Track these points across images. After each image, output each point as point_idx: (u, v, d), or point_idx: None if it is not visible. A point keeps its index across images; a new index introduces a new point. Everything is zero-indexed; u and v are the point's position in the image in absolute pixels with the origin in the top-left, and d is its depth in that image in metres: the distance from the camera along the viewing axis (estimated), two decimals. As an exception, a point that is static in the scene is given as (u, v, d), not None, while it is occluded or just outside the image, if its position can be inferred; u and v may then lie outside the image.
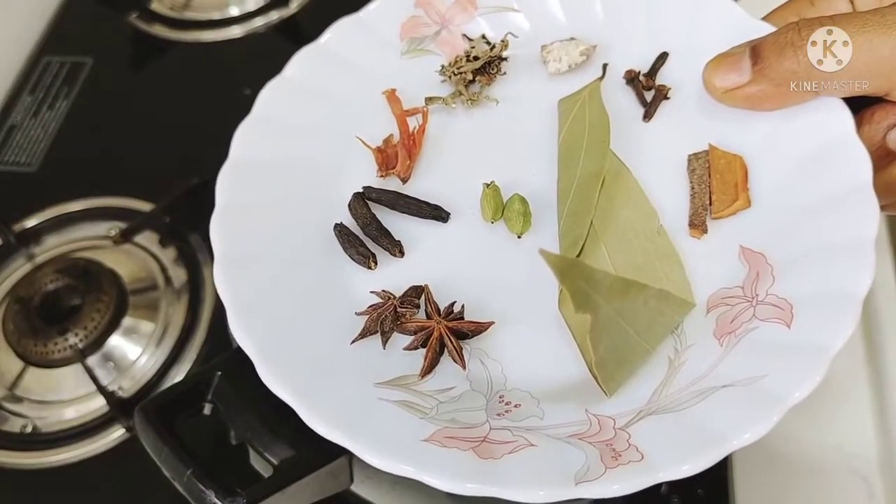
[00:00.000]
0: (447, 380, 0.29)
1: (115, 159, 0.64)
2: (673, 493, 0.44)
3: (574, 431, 0.27)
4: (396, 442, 0.27)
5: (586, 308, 0.27)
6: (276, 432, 0.35)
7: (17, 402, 0.51)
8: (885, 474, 0.46)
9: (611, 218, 0.32)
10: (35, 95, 0.68)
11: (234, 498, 0.33)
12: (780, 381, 0.26)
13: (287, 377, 0.28)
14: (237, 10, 0.72)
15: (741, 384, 0.27)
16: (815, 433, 0.48)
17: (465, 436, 0.27)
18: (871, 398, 0.49)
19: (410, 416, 0.28)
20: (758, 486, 0.46)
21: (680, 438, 0.26)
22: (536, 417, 0.28)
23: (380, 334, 0.30)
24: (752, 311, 0.28)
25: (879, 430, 0.48)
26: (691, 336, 0.29)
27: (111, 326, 0.52)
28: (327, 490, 0.36)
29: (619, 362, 0.28)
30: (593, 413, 0.27)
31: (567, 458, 0.26)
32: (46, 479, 0.48)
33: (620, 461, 0.25)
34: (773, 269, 0.29)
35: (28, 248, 0.58)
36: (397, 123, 0.36)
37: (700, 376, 0.28)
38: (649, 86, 0.36)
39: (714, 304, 0.30)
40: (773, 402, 0.26)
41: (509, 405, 0.28)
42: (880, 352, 0.50)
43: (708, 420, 0.26)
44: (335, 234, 0.33)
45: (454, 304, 0.31)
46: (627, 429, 0.27)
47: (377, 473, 0.35)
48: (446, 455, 0.26)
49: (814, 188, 0.30)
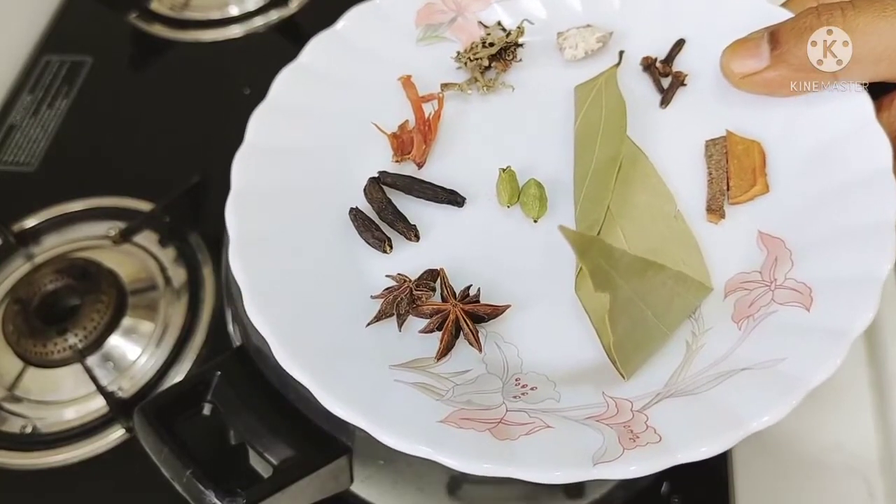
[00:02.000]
0: (463, 363, 0.29)
1: (114, 159, 0.64)
2: (673, 493, 0.44)
3: (591, 414, 0.27)
4: (413, 423, 0.26)
5: (605, 287, 0.27)
6: (275, 432, 0.35)
7: (16, 402, 0.51)
8: (885, 474, 0.46)
9: (628, 202, 0.32)
10: (35, 95, 0.67)
11: (233, 498, 0.33)
12: (800, 363, 0.26)
13: (303, 359, 0.28)
14: (237, 9, 0.72)
15: (760, 367, 0.26)
16: (815, 433, 0.48)
17: (481, 417, 0.27)
18: (871, 398, 0.49)
19: (426, 397, 0.28)
20: (758, 485, 0.46)
21: (698, 420, 0.26)
22: (553, 400, 0.28)
23: (395, 317, 0.30)
24: (770, 296, 0.28)
25: (880, 431, 0.48)
26: (709, 320, 0.29)
27: (111, 327, 0.52)
28: (327, 490, 0.36)
29: (636, 345, 0.28)
30: (610, 396, 0.27)
31: (584, 439, 0.26)
32: (46, 480, 0.48)
33: (638, 443, 0.25)
34: (792, 254, 0.29)
35: (27, 248, 0.58)
36: (413, 109, 0.35)
37: (718, 359, 0.28)
38: (666, 72, 0.36)
39: (732, 289, 0.30)
40: (793, 384, 0.25)
41: (525, 388, 0.28)
42: (881, 352, 0.50)
43: (726, 402, 0.26)
44: (350, 219, 0.33)
45: (470, 287, 0.31)
46: (645, 411, 0.26)
47: (377, 473, 0.36)
48: (463, 436, 0.26)
49: (833, 173, 0.30)
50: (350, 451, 0.35)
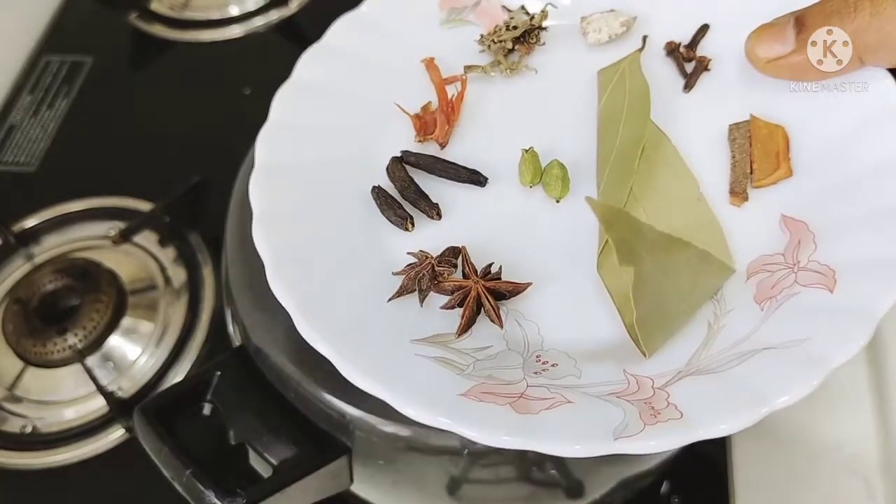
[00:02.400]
0: (484, 339, 0.29)
1: (114, 159, 0.64)
2: (674, 493, 0.44)
3: (612, 390, 0.27)
4: (433, 395, 0.26)
5: (630, 261, 0.27)
6: (275, 432, 0.35)
7: (16, 402, 0.51)
8: (885, 475, 0.46)
9: (650, 185, 0.32)
10: (35, 95, 0.68)
11: (233, 498, 0.33)
12: (823, 344, 0.26)
13: (325, 332, 0.28)
14: (237, 9, 0.72)
15: (782, 347, 0.26)
16: (815, 434, 0.48)
17: (502, 391, 0.27)
18: (871, 399, 0.49)
19: (447, 371, 0.28)
20: (758, 486, 0.46)
21: (719, 398, 0.25)
22: (574, 376, 0.28)
23: (417, 293, 0.30)
24: (793, 277, 0.28)
25: (880, 431, 0.48)
26: (731, 301, 0.29)
27: (110, 327, 0.52)
28: (327, 490, 0.36)
29: (658, 323, 0.28)
30: (631, 373, 0.27)
31: (605, 414, 0.26)
32: (46, 480, 0.48)
33: (659, 419, 0.25)
34: (815, 237, 0.29)
35: (27, 248, 0.58)
36: (436, 91, 0.36)
37: (740, 339, 0.28)
38: (690, 57, 0.36)
39: (754, 271, 0.29)
40: (816, 364, 0.25)
41: (546, 364, 0.28)
42: (881, 352, 0.50)
43: (747, 381, 0.26)
44: (372, 197, 0.33)
45: (491, 265, 0.31)
46: (666, 388, 0.26)
47: (377, 474, 0.36)
48: (483, 409, 0.26)
49: (857, 157, 0.30)
50: (350, 451, 0.35)
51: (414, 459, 0.34)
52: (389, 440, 0.34)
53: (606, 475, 0.37)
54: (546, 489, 0.36)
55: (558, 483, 0.36)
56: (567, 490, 0.36)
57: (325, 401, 0.34)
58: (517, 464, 0.34)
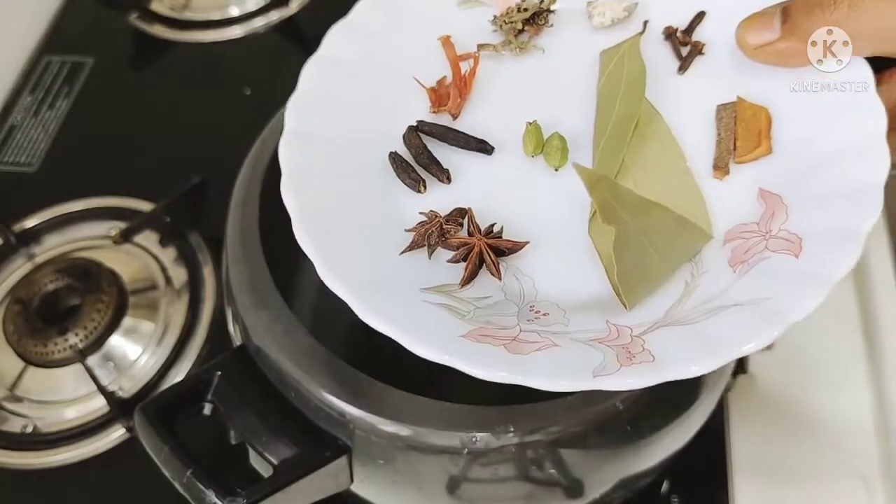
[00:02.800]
0: (484, 289, 0.33)
1: (115, 159, 0.64)
2: (673, 492, 0.44)
3: (594, 336, 0.30)
4: (439, 336, 0.30)
5: (611, 220, 0.30)
6: (275, 432, 0.35)
7: (17, 402, 0.51)
8: (885, 475, 0.46)
9: (641, 156, 0.35)
10: (35, 95, 0.68)
11: (233, 498, 0.33)
12: (784, 302, 0.29)
13: (344, 278, 0.31)
14: (237, 10, 0.72)
15: (748, 304, 0.29)
16: (814, 434, 0.48)
17: (498, 335, 0.30)
18: (871, 398, 0.49)
19: (451, 316, 0.31)
20: (757, 485, 0.46)
21: (689, 345, 0.28)
22: (562, 324, 0.31)
23: (427, 247, 0.33)
24: (764, 244, 0.31)
25: (879, 431, 0.48)
26: (707, 263, 0.32)
27: (111, 326, 0.52)
28: (327, 490, 0.36)
29: (639, 280, 0.31)
30: (613, 323, 0.31)
31: (587, 356, 0.29)
32: (47, 480, 0.48)
33: (634, 361, 0.28)
34: (787, 209, 0.32)
35: (28, 248, 0.58)
36: (451, 66, 0.39)
37: (712, 297, 0.30)
38: (686, 42, 0.39)
39: (731, 238, 0.32)
40: (776, 319, 0.28)
41: (538, 313, 0.32)
42: (880, 352, 0.50)
43: (716, 332, 0.29)
44: (389, 161, 0.36)
45: (494, 225, 0.34)
46: (643, 336, 0.30)
47: (377, 473, 0.36)
48: (481, 349, 0.29)
49: (832, 138, 0.33)
50: (350, 451, 0.35)
51: (414, 459, 0.34)
52: (389, 440, 0.34)
53: (606, 474, 0.37)
54: (545, 488, 0.36)
55: (558, 482, 0.36)
56: (566, 489, 0.36)
57: (325, 400, 0.34)
58: (517, 463, 0.34)
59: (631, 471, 0.37)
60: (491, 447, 0.33)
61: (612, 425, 0.34)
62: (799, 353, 0.51)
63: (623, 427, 0.34)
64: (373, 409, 0.34)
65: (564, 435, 0.34)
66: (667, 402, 0.35)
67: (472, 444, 0.33)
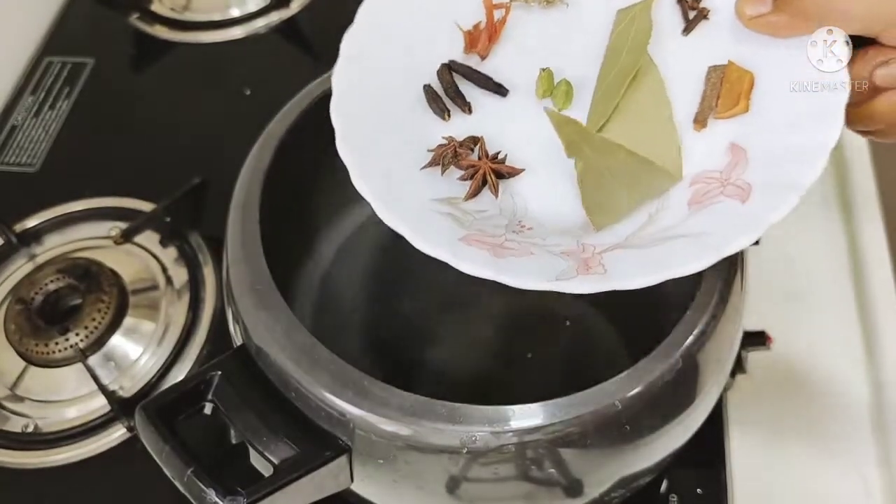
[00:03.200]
0: (483, 204, 0.39)
1: (115, 160, 0.64)
2: (671, 491, 0.44)
3: (563, 250, 0.36)
4: (440, 237, 0.35)
5: (575, 154, 0.38)
6: (276, 432, 0.35)
7: (18, 401, 0.51)
8: (882, 473, 0.47)
9: (632, 103, 0.40)
10: (36, 96, 0.68)
11: (234, 497, 0.33)
12: (722, 237, 0.33)
13: (370, 184, 0.36)
14: (238, 11, 0.72)
15: (693, 236, 0.34)
16: (813, 434, 0.48)
17: (487, 241, 0.36)
18: (868, 398, 0.49)
19: (452, 223, 0.37)
20: (755, 484, 0.46)
21: (636, 265, 0.34)
22: (541, 238, 0.37)
23: (441, 165, 0.39)
24: (720, 190, 0.36)
25: (878, 431, 0.48)
26: (671, 201, 0.37)
27: (112, 326, 0.52)
28: (327, 489, 0.36)
29: (606, 207, 0.37)
30: (582, 242, 0.36)
31: (553, 265, 0.35)
32: (48, 479, 0.49)
33: (589, 272, 0.34)
34: (748, 162, 0.36)
35: (29, 247, 0.58)
36: (486, 13, 0.44)
37: (667, 228, 0.36)
38: (693, 6, 0.42)
39: (696, 181, 0.37)
40: (713, 251, 0.33)
41: (523, 227, 0.38)
42: (878, 351, 0.51)
43: (660, 256, 0.34)
44: (424, 92, 0.41)
45: (499, 153, 0.40)
46: (602, 254, 0.35)
47: (377, 472, 0.36)
48: (472, 250, 0.35)
49: (799, 104, 0.36)
50: (350, 451, 0.35)
51: (413, 458, 0.35)
52: (389, 439, 0.34)
53: (605, 474, 0.37)
54: (545, 488, 0.36)
55: (557, 481, 0.36)
56: (566, 489, 0.36)
57: (325, 400, 0.34)
58: (516, 462, 0.34)
59: (630, 470, 0.37)
60: (490, 447, 0.33)
61: (610, 424, 0.34)
62: (797, 353, 0.51)
63: (622, 426, 0.34)
64: (373, 408, 0.34)
65: (563, 434, 0.34)
66: (665, 402, 0.36)
67: (471, 443, 0.33)
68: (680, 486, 0.44)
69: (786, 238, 0.55)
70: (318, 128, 0.45)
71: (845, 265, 0.55)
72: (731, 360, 0.40)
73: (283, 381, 0.36)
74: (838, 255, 0.56)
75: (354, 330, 0.49)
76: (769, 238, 0.50)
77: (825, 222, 0.58)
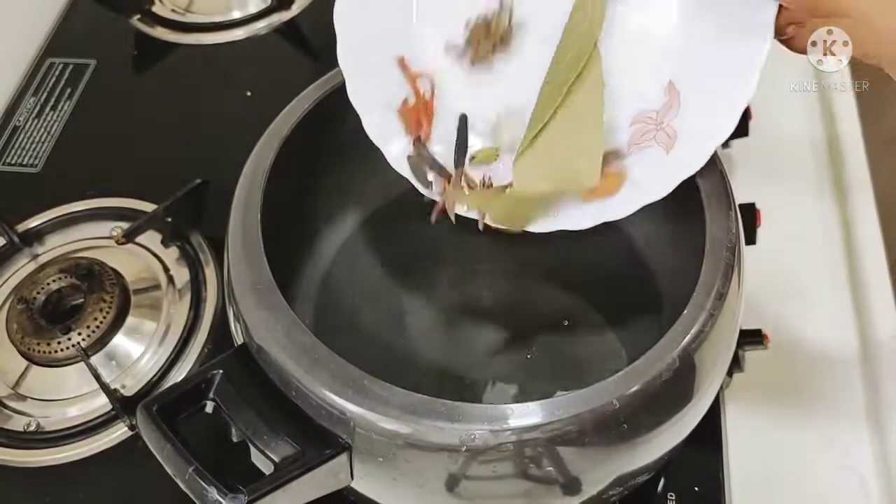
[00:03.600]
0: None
1: (117, 160, 0.64)
2: (669, 489, 0.44)
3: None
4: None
5: (489, 211, 0.44)
6: (276, 430, 0.35)
7: (20, 400, 0.52)
8: (880, 473, 0.47)
9: (571, 105, 0.42)
10: (38, 97, 0.68)
11: (235, 495, 0.33)
12: (649, 186, 0.40)
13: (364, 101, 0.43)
14: (239, 13, 0.72)
15: (628, 181, 0.41)
16: (810, 432, 0.49)
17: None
18: (865, 397, 0.49)
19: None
20: (753, 484, 0.46)
21: (580, 207, 0.41)
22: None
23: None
24: (653, 134, 0.41)
25: (874, 429, 0.48)
26: (615, 143, 0.41)
27: (114, 325, 0.52)
28: (327, 487, 0.36)
29: (515, 223, 0.43)
30: None
31: None
32: (49, 477, 0.49)
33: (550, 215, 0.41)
34: (680, 106, 0.40)
35: (31, 247, 0.59)
36: (413, 93, 0.45)
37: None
38: None
39: (637, 121, 0.41)
40: (643, 196, 0.40)
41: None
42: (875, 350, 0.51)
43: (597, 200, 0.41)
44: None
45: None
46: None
47: (376, 470, 0.36)
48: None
49: (727, 51, 0.39)
50: (350, 449, 0.35)
51: (413, 456, 0.35)
52: (389, 437, 0.34)
53: (603, 472, 0.37)
54: (543, 485, 0.36)
55: (555, 479, 0.36)
56: (564, 486, 0.37)
57: (325, 399, 0.35)
58: (515, 460, 0.35)
59: (628, 468, 0.38)
60: (489, 445, 0.33)
61: (608, 423, 0.34)
62: (794, 352, 0.51)
63: (620, 425, 0.35)
64: (373, 407, 0.34)
65: (562, 433, 0.34)
66: (663, 401, 0.36)
67: (470, 441, 0.33)
68: (677, 484, 0.44)
69: (783, 237, 0.55)
70: (319, 129, 0.45)
71: (841, 264, 0.56)
72: (728, 359, 0.40)
73: (283, 380, 0.36)
74: (834, 254, 0.56)
75: (354, 329, 0.49)
76: (767, 238, 0.50)
77: (821, 223, 0.58)
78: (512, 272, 0.51)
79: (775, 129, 0.60)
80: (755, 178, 0.57)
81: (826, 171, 0.60)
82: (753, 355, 0.48)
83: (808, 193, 0.59)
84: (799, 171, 0.61)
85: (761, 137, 0.56)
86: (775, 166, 0.60)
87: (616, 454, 0.36)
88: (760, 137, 0.56)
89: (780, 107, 0.61)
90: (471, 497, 0.37)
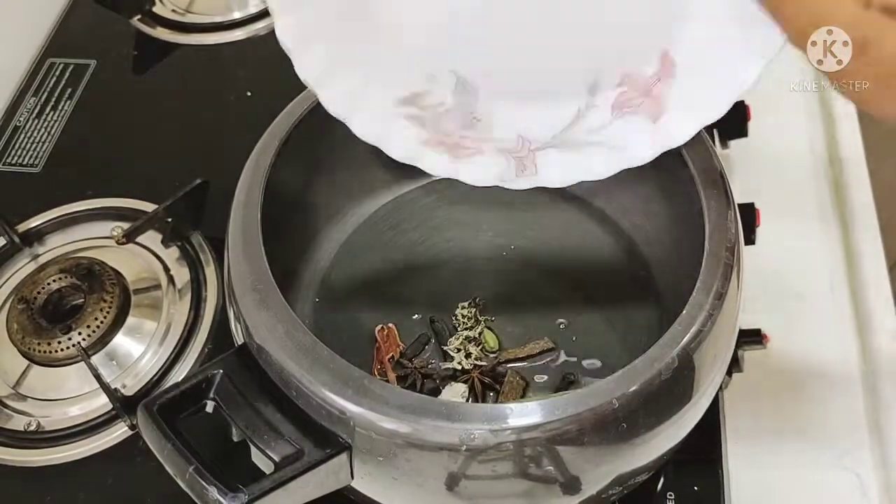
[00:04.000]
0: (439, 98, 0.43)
1: (117, 160, 0.64)
2: (668, 489, 0.44)
3: (507, 146, 0.42)
4: (406, 144, 0.41)
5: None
6: (277, 430, 0.35)
7: (21, 400, 0.52)
8: (878, 472, 0.47)
9: None
10: (39, 97, 0.68)
11: (235, 494, 0.33)
12: (631, 153, 0.40)
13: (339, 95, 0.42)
14: (239, 13, 0.72)
15: (609, 147, 0.40)
16: (808, 431, 0.49)
17: (446, 141, 0.41)
18: (863, 397, 0.49)
19: (415, 126, 0.42)
20: (751, 483, 0.46)
21: (560, 168, 0.41)
22: (488, 131, 0.43)
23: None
24: (640, 102, 0.40)
25: (873, 429, 0.48)
26: (599, 98, 0.41)
27: (114, 325, 0.52)
28: (327, 486, 0.36)
29: None
30: (520, 135, 0.42)
31: (498, 166, 0.41)
32: (50, 477, 0.49)
33: (525, 174, 0.41)
34: (674, 79, 0.40)
35: (32, 247, 0.59)
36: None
37: (592, 129, 0.41)
38: None
39: (623, 82, 0.41)
40: (619, 161, 0.40)
41: (476, 120, 0.43)
42: (873, 349, 0.51)
43: (581, 161, 0.41)
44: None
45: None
46: (535, 152, 0.41)
47: (377, 470, 0.36)
48: (434, 156, 0.41)
49: (732, 36, 0.38)
50: (350, 448, 0.35)
51: (413, 456, 0.35)
52: (389, 437, 0.34)
53: (602, 471, 0.37)
54: (543, 485, 0.36)
55: (555, 479, 0.36)
56: (563, 486, 0.37)
57: (325, 398, 0.35)
58: (514, 460, 0.35)
59: (627, 468, 0.38)
60: (489, 444, 0.34)
61: (608, 423, 0.34)
62: (793, 352, 0.51)
63: (619, 424, 0.35)
64: (373, 406, 0.34)
65: (561, 432, 0.34)
66: (662, 400, 0.36)
67: (470, 441, 0.33)
68: (677, 484, 0.44)
69: (783, 236, 0.55)
70: (319, 129, 0.45)
71: (841, 264, 0.55)
72: (727, 359, 0.41)
73: (283, 380, 0.36)
74: (834, 254, 0.56)
75: (354, 329, 0.50)
76: (766, 237, 0.50)
77: (820, 223, 0.58)
78: (512, 271, 0.51)
79: (775, 129, 0.60)
80: (755, 178, 0.57)
81: (825, 172, 0.60)
82: (753, 355, 0.48)
83: (807, 194, 0.59)
84: (798, 172, 0.61)
85: (761, 137, 0.57)
86: (775, 166, 0.60)
87: (615, 454, 0.36)
88: (760, 137, 0.56)
89: (779, 107, 0.61)
90: (471, 496, 0.37)
